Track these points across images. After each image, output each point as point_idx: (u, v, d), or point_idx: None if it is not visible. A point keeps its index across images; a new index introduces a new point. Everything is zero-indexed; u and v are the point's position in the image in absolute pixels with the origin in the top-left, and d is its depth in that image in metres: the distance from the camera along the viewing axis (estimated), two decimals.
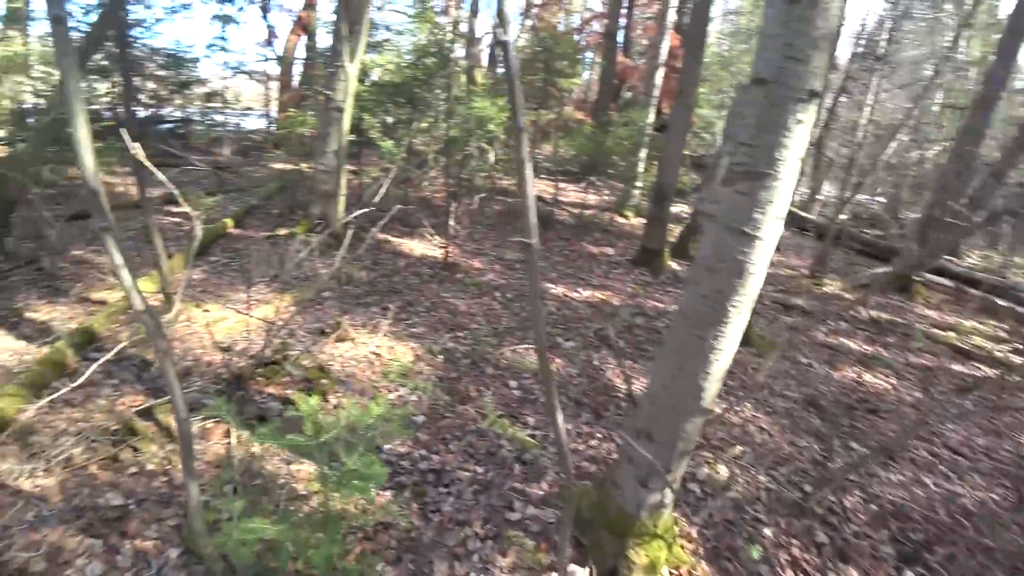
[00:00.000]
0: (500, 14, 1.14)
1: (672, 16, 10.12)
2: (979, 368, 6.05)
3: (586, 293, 5.77)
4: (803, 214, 12.26)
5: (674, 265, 7.30)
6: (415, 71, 7.13)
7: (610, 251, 7.71)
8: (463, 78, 11.31)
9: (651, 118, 10.07)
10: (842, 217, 14.33)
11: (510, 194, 10.12)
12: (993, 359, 6.26)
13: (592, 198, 10.69)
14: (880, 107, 20.48)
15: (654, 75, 10.03)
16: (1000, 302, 7.90)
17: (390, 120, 7.58)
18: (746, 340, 5.11)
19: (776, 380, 4.58)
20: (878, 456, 3.71)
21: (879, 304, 7.58)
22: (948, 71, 16.70)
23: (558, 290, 5.77)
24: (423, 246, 6.79)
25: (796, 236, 11.41)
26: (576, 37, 14.99)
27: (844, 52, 16.23)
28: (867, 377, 5.12)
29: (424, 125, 7.99)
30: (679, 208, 10.71)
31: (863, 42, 15.22)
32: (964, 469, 3.84)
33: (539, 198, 10.05)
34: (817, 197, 13.60)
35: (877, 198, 16.27)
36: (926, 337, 6.47)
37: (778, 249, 8.74)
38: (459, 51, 10.40)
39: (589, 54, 17.68)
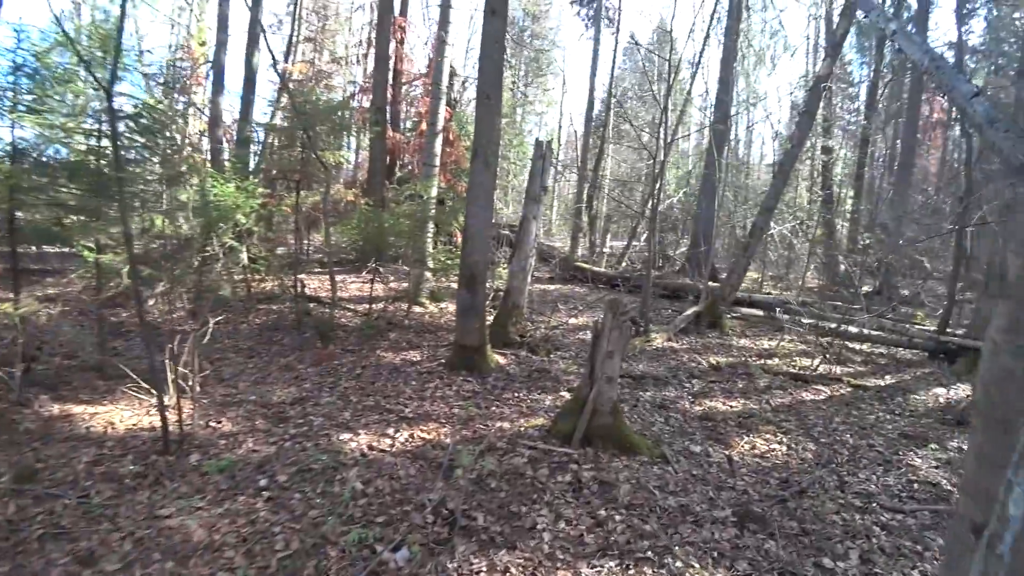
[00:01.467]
0: None
1: (445, 82, 9.58)
2: (821, 390, 6.00)
3: (403, 435, 4.07)
4: (591, 267, 12.51)
5: (499, 359, 6.07)
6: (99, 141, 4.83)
7: (415, 356, 6.16)
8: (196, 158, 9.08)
9: (434, 190, 9.14)
10: (628, 265, 15.46)
11: (275, 300, 7.96)
12: (826, 376, 6.33)
13: (379, 288, 9.14)
14: (619, 168, 23.59)
15: (434, 144, 9.20)
16: (778, 316, 8.48)
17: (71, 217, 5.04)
18: (624, 444, 4.15)
19: (689, 494, 3.48)
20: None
21: (705, 346, 7.43)
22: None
23: (360, 442, 3.95)
24: (132, 412, 4.32)
25: (592, 291, 11.41)
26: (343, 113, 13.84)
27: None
28: (761, 444, 4.42)
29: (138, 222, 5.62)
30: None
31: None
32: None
33: (314, 299, 8.10)
34: (603, 250, 14.18)
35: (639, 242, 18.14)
36: (764, 371, 6.31)
37: (578, 310, 8.49)
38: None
39: (354, 132, 16.65)
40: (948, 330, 7.96)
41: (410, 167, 13.33)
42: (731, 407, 5.22)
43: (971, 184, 7.86)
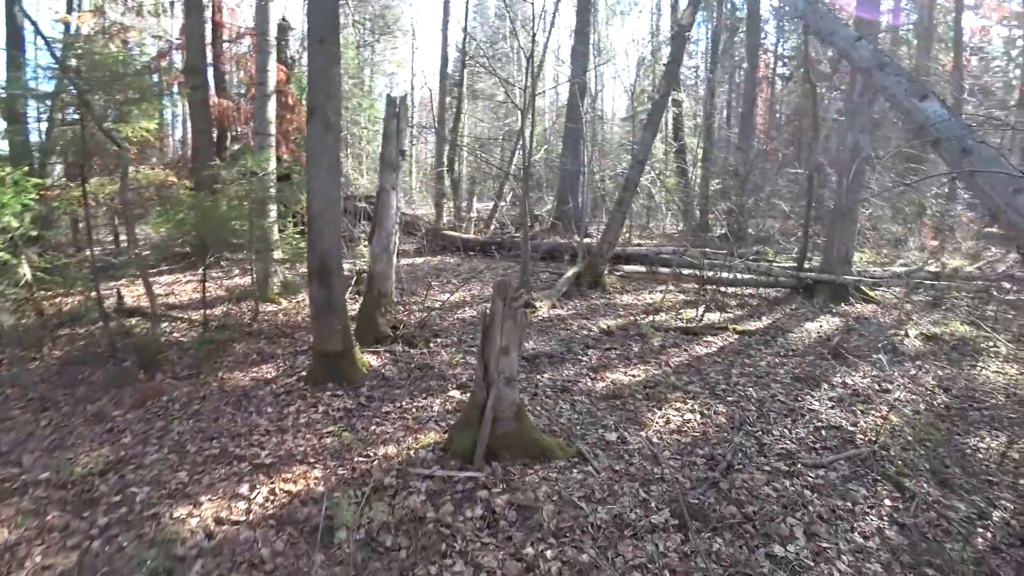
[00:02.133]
0: None
1: (273, 32, 7.99)
2: (712, 342, 5.99)
3: (262, 493, 3.11)
4: (461, 235, 11.84)
5: (371, 360, 5.21)
6: None
7: (270, 371, 5.09)
8: None
9: (272, 164, 7.71)
10: (497, 228, 14.97)
11: (81, 320, 6.22)
12: (712, 327, 6.36)
13: (220, 288, 7.68)
14: (476, 127, 22.86)
15: (265, 109, 7.69)
16: (656, 269, 8.56)
17: None
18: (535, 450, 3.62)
19: (619, 498, 3.03)
20: None
21: (591, 309, 7.17)
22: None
23: (204, 515, 2.93)
24: None
25: (464, 260, 10.78)
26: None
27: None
28: (674, 417, 4.14)
29: None
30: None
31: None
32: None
33: (137, 312, 6.52)
34: (469, 215, 13.50)
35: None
36: (655, 330, 6.17)
37: (452, 284, 7.83)
38: None
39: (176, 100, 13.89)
40: (804, 266, 8.53)
41: (248, 139, 11.37)
42: (634, 376, 4.93)
43: (817, 129, 8.37)
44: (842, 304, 7.67)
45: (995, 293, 8.03)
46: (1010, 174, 2.52)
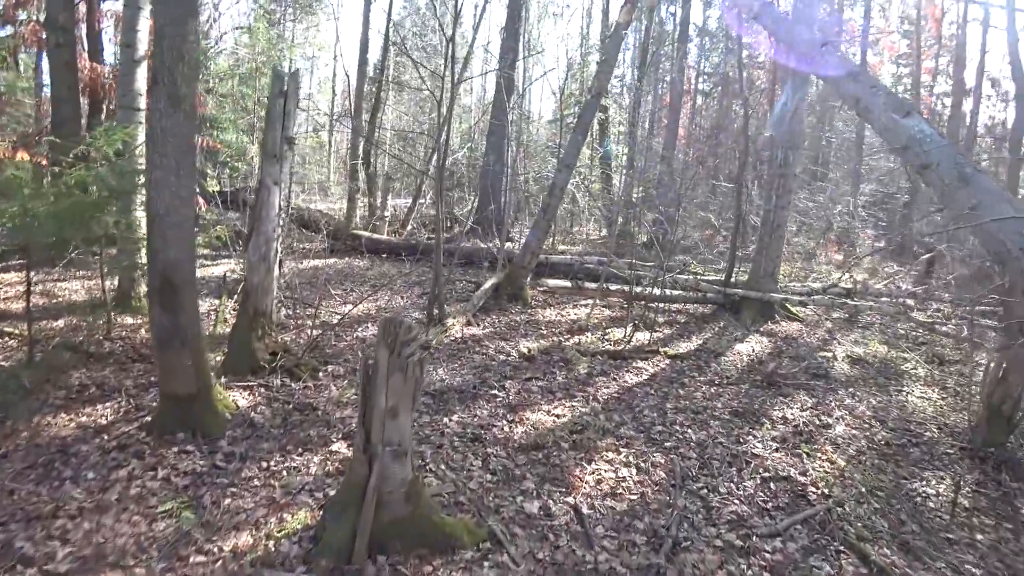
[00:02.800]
0: None
1: None
2: (642, 368, 5.45)
3: None
4: (373, 236, 10.80)
5: (240, 399, 4.20)
6: None
7: (106, 413, 3.94)
8: None
9: (140, 139, 6.37)
10: (414, 228, 13.95)
11: None
12: (642, 349, 5.83)
13: (71, 293, 6.26)
14: (400, 120, 21.69)
15: (133, 76, 6.31)
16: (582, 284, 8.02)
17: None
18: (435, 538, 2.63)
19: None
20: None
21: (510, 327, 6.47)
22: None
23: None
24: None
25: (374, 264, 9.78)
26: None
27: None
28: (607, 474, 3.48)
29: None
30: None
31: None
32: None
33: None
34: (383, 214, 12.44)
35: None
36: (580, 354, 5.56)
37: (356, 293, 6.82)
38: None
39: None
40: (731, 281, 8.30)
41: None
42: (558, 417, 4.25)
43: (747, 146, 8.14)
44: (769, 322, 7.45)
45: (909, 312, 8.15)
46: None
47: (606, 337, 6.24)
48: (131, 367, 4.91)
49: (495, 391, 4.60)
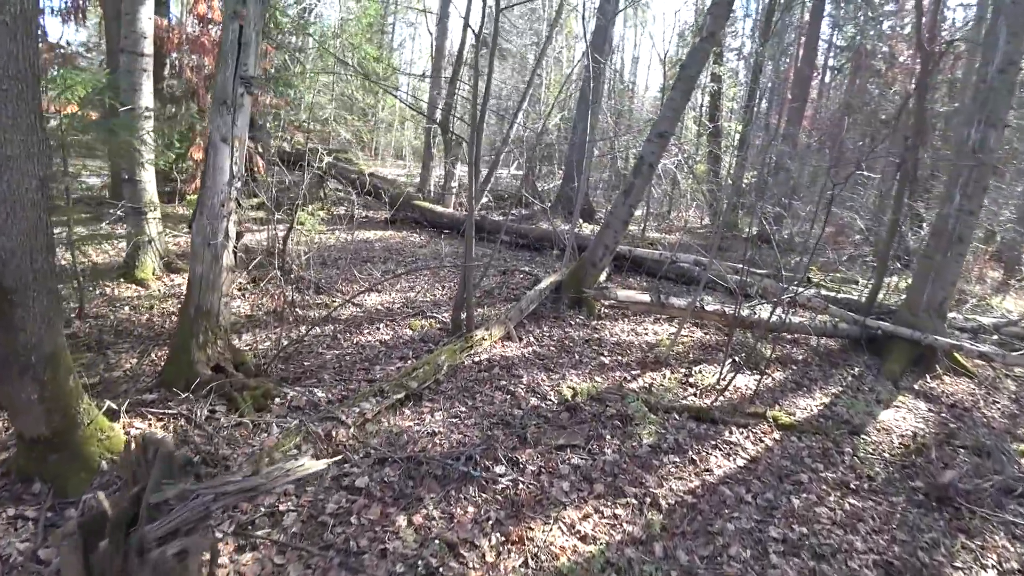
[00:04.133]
0: None
1: None
2: (737, 445, 3.50)
3: None
4: (436, 208, 9.32)
5: (141, 433, 2.86)
6: None
7: None
8: None
9: (146, 99, 5.26)
10: (489, 201, 12.38)
11: None
12: (744, 411, 3.84)
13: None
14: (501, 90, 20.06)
15: (136, 16, 5.16)
16: (664, 299, 6.02)
17: None
18: None
19: None
20: None
21: (561, 347, 4.69)
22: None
23: None
24: None
25: (431, 240, 8.32)
26: None
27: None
28: None
29: None
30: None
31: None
32: None
33: None
34: (452, 184, 10.93)
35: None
36: (648, 408, 3.69)
37: (394, 274, 5.23)
38: None
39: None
40: (875, 307, 5.91)
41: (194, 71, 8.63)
42: (583, 540, 2.48)
43: (923, 121, 5.59)
44: (927, 376, 5.10)
45: None
46: None
47: (691, 379, 4.29)
48: (103, 352, 3.82)
49: (500, 469, 2.90)
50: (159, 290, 5.20)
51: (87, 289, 4.92)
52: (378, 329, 4.65)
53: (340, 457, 2.83)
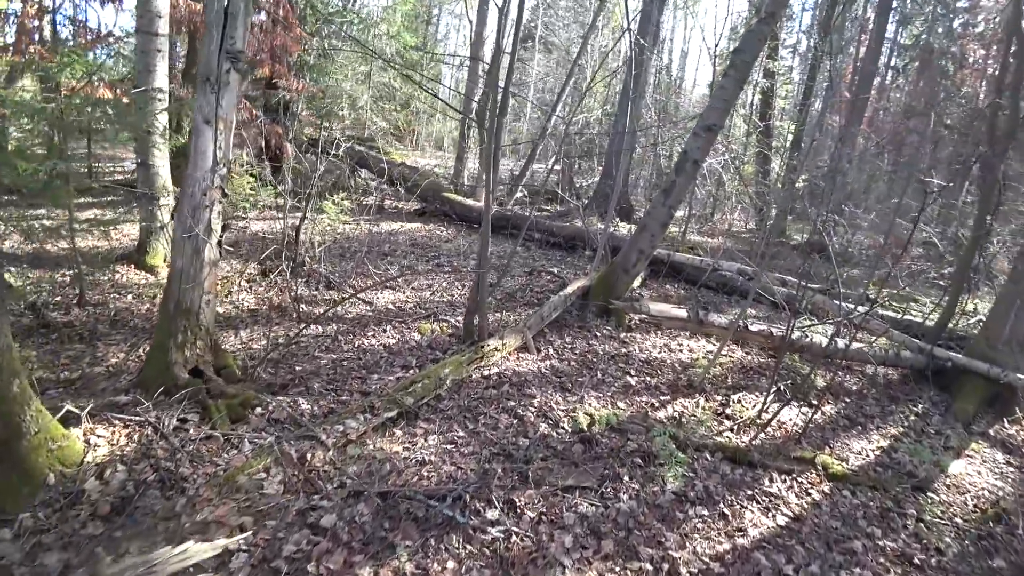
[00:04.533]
0: None
1: None
2: (777, 497, 2.94)
3: None
4: (466, 200, 8.90)
5: (102, 442, 2.54)
6: None
7: None
8: None
9: (160, 78, 5.00)
10: (524, 195, 11.89)
11: None
12: (788, 456, 3.27)
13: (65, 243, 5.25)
14: (540, 83, 19.52)
15: None
16: (703, 314, 5.42)
17: None
18: None
19: None
20: None
21: (583, 362, 4.19)
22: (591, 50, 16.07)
23: None
24: None
25: (460, 233, 7.91)
26: None
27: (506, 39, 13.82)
28: None
29: None
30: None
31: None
32: None
33: None
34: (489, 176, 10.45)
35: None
36: (676, 444, 3.16)
37: (415, 271, 4.73)
38: None
39: None
40: (945, 333, 5.15)
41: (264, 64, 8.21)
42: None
43: (1018, 118, 4.76)
44: (1004, 419, 4.36)
45: None
46: None
47: (728, 409, 3.72)
48: (95, 343, 3.59)
49: (492, 514, 2.45)
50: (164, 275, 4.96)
51: (95, 275, 4.73)
52: (384, 331, 4.26)
53: (246, 536, 2.17)
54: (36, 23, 6.84)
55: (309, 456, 2.68)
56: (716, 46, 10.07)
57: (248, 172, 7.68)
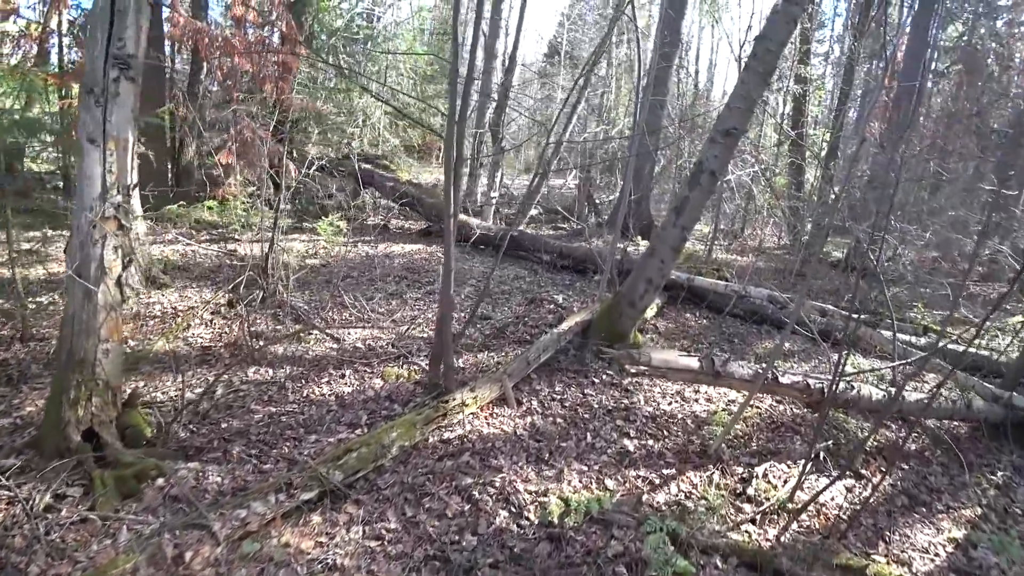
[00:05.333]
0: None
1: None
2: None
3: None
4: (470, 220, 8.26)
5: None
6: None
7: None
8: None
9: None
10: (541, 213, 11.21)
11: None
12: (834, 561, 2.41)
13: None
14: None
15: None
16: (725, 370, 4.57)
17: None
18: None
19: None
20: None
21: (571, 419, 3.42)
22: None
23: None
24: None
25: (464, 256, 7.26)
26: None
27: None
28: None
29: None
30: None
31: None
32: None
33: None
34: (493, 195, 9.86)
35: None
36: (679, 548, 2.35)
37: (400, 296, 4.10)
38: None
39: None
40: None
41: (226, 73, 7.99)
42: None
43: None
44: None
45: None
46: None
47: (750, 488, 2.88)
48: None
49: None
50: (131, 308, 4.46)
51: (50, 304, 4.26)
52: (343, 377, 3.61)
53: None
54: None
55: (190, 554, 2.03)
56: (741, 47, 9.19)
57: (251, 193, 7.27)
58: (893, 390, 3.33)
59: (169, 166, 8.11)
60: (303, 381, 3.52)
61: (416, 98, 9.83)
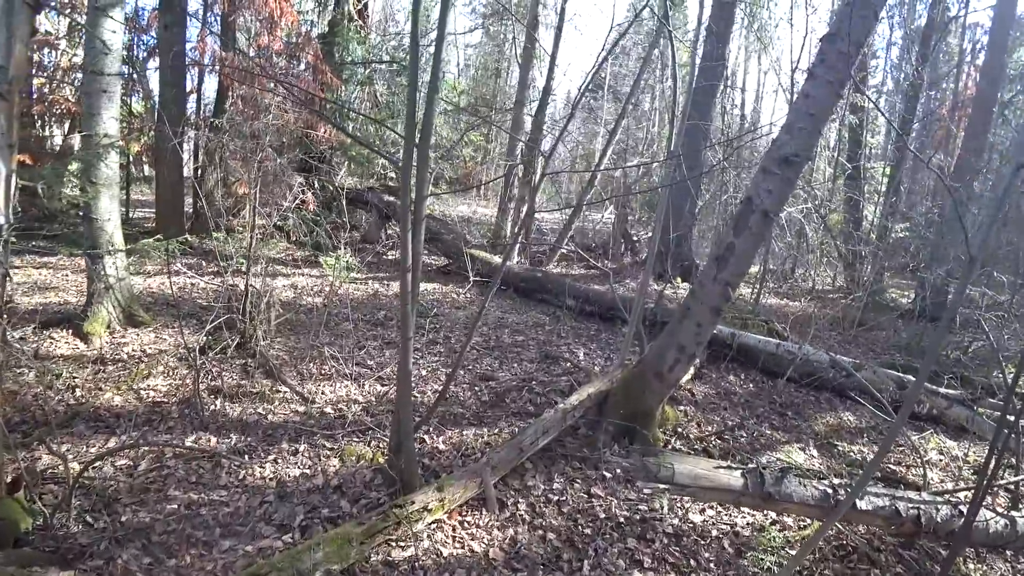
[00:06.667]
0: None
1: None
2: None
3: None
4: (494, 259, 7.54)
5: None
6: None
7: None
8: None
9: (108, 124, 4.18)
10: (571, 251, 10.39)
11: None
12: None
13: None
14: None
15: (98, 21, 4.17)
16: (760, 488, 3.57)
17: None
18: None
19: None
20: None
21: (570, 530, 2.56)
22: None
23: None
24: None
25: (480, 294, 6.52)
26: None
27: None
28: None
29: None
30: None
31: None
32: None
33: None
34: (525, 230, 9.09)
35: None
36: None
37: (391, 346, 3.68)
38: None
39: None
40: None
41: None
42: None
43: None
44: None
45: None
46: None
47: None
48: None
49: None
50: (99, 349, 3.94)
51: (30, 343, 3.80)
52: (294, 453, 2.89)
53: None
54: None
55: None
56: (794, 68, 8.23)
57: (276, 226, 6.85)
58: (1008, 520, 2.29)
59: (193, 198, 7.87)
60: (246, 456, 2.82)
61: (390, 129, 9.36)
